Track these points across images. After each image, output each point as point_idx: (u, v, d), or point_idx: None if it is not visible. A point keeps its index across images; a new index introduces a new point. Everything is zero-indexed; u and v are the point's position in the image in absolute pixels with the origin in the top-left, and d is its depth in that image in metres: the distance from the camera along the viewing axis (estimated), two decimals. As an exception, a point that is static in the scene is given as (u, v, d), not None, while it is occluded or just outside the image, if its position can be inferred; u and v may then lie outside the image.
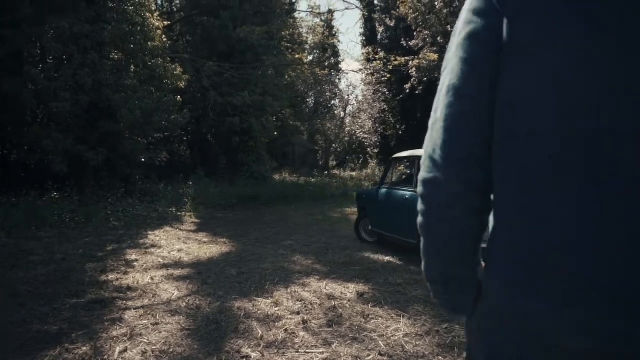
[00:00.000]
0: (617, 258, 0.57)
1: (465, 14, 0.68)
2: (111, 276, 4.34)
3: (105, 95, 7.95)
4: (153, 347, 2.68)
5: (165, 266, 4.82)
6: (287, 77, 17.13)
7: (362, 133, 25.29)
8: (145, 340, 2.79)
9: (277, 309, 3.38)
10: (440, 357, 2.55)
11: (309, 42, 27.10)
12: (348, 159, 29.24)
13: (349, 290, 3.83)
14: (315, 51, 28.28)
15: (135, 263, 4.91)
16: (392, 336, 2.85)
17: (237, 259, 5.19)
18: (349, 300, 3.55)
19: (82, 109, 7.93)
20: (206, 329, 2.98)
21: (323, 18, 30.19)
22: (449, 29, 17.89)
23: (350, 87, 42.83)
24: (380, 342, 2.74)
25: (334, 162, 29.59)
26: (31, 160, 9.21)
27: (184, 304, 3.53)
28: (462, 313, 0.77)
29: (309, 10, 29.04)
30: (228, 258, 5.25)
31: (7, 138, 9.68)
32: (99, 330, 2.94)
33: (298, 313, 3.27)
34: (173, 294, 3.81)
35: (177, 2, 15.82)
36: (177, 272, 4.58)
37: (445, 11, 17.56)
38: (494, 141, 0.65)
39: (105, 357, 2.55)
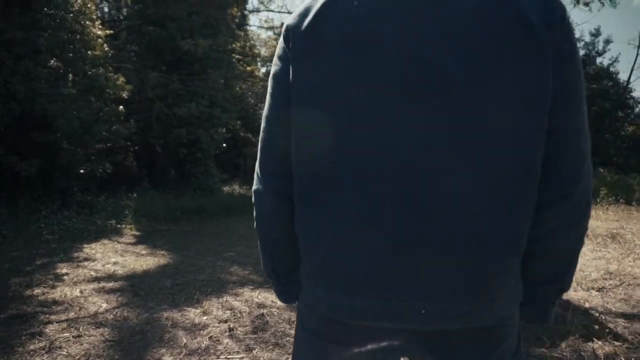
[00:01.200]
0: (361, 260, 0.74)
1: (274, 58, 0.84)
2: (37, 290, 4.21)
3: (40, 105, 7.67)
4: (71, 359, 2.67)
5: (97, 279, 4.72)
6: (237, 89, 17.12)
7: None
8: (64, 353, 2.77)
9: (205, 317, 3.43)
10: None
11: (261, 54, 27.17)
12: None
13: (280, 298, 3.94)
14: (268, 63, 28.43)
15: (65, 277, 4.78)
16: None
17: (174, 270, 5.17)
18: (277, 308, 3.65)
19: (14, 117, 7.60)
20: (130, 340, 2.99)
21: (276, 31, 30.52)
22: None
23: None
24: (300, 346, 2.86)
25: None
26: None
27: (111, 316, 3.50)
28: (290, 301, 0.92)
29: (260, 25, 29.21)
30: (165, 270, 5.21)
31: None
32: (16, 344, 2.87)
33: (226, 321, 3.34)
34: (101, 306, 3.76)
35: (125, 11, 15.49)
36: (109, 285, 4.50)
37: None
38: (292, 160, 0.81)
39: (19, 370, 2.51)
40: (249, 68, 18.90)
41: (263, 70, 28.23)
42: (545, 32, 0.69)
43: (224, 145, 15.48)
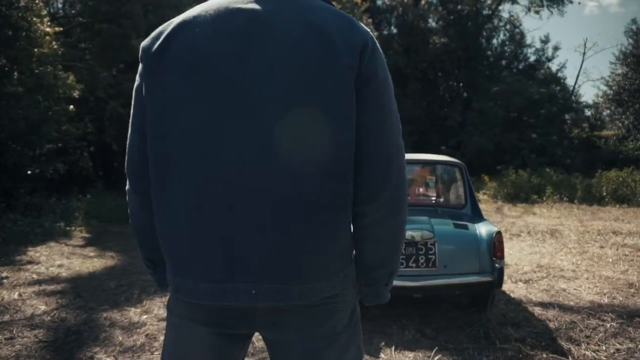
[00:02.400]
0: (195, 248, 0.87)
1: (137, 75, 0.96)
2: (-28, 295, 4.11)
3: (-19, 103, 7.40)
4: (1, 360, 2.67)
5: (38, 282, 4.64)
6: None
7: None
8: (-6, 355, 2.76)
9: (145, 316, 3.47)
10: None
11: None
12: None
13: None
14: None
15: (4, 280, 4.67)
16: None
17: (121, 272, 5.14)
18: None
19: (-47, 117, 7.30)
20: (64, 340, 3.01)
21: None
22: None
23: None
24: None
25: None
26: None
27: (49, 318, 3.49)
28: (164, 287, 1.04)
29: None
30: (111, 272, 5.18)
31: None
32: (-57, 348, 2.84)
33: (164, 319, 3.39)
34: (39, 308, 3.72)
35: (78, 7, 15.02)
36: (51, 287, 4.45)
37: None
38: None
39: (-57, 372, 2.50)
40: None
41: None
42: (349, 57, 0.84)
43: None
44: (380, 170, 0.89)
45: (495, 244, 3.25)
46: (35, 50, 8.45)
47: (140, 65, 0.92)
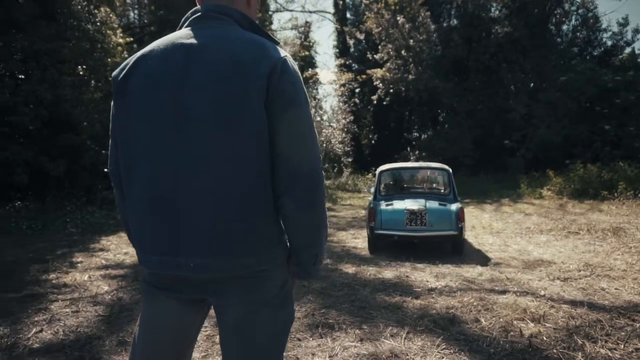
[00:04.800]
0: (150, 229, 1.13)
1: None
2: (52, 275, 4.80)
3: (64, 110, 8.40)
4: (65, 329, 3.18)
5: (106, 267, 5.28)
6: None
7: (335, 142, 25.91)
8: (61, 324, 3.28)
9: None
10: (302, 333, 3.08)
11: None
12: (324, 168, 29.87)
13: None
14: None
15: (78, 264, 5.37)
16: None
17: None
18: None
19: (42, 122, 8.36)
20: (118, 315, 3.48)
21: (300, 30, 31.04)
22: (411, 43, 18.74)
23: (327, 97, 43.57)
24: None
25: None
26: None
27: (109, 296, 4.02)
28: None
29: (281, 27, 29.67)
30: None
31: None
32: (23, 317, 3.42)
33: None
34: (103, 289, 4.29)
35: (147, 17, 16.30)
36: (115, 271, 5.05)
37: (407, 26, 18.37)
38: None
39: (21, 335, 3.04)
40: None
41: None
42: (259, 80, 1.06)
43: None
44: (292, 169, 1.10)
45: (459, 214, 5.85)
46: (109, 60, 9.40)
47: (112, 91, 1.20)
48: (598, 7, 21.11)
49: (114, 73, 1.20)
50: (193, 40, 1.12)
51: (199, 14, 1.19)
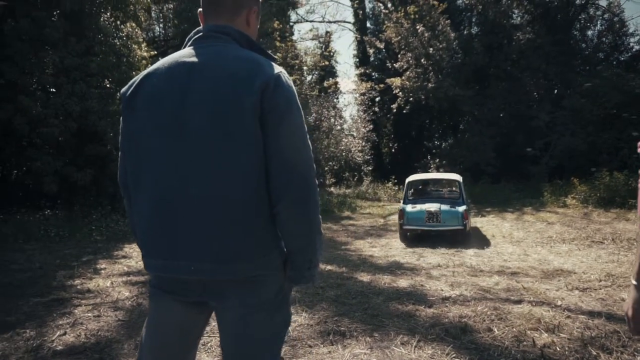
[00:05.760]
0: (154, 235, 1.22)
1: None
2: (77, 281, 4.99)
3: (91, 121, 8.73)
4: (87, 332, 3.31)
5: (127, 273, 5.45)
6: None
7: (355, 151, 25.93)
8: (83, 328, 3.42)
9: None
10: (313, 340, 3.13)
11: (307, 63, 27.78)
12: (345, 177, 29.87)
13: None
14: (314, 72, 29.21)
15: (102, 271, 5.56)
16: (288, 324, 3.44)
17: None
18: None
19: (70, 133, 8.70)
20: (137, 320, 3.60)
21: (320, 41, 31.33)
22: (431, 51, 18.69)
23: (348, 106, 43.59)
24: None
25: (332, 180, 30.21)
26: (28, 180, 10.01)
27: (129, 302, 4.16)
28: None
29: (302, 37, 29.91)
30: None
31: (6, 160, 10.51)
32: (49, 320, 3.58)
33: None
34: (124, 294, 4.43)
35: (171, 31, 16.78)
36: (137, 278, 5.21)
37: (426, 34, 18.35)
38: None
39: (46, 338, 3.18)
40: (291, 77, 19.65)
41: (309, 78, 29.12)
42: (252, 96, 1.13)
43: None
44: (285, 179, 1.17)
45: (464, 214, 7.67)
46: (134, 73, 9.71)
47: (121, 106, 1.30)
48: (625, 11, 20.54)
49: (123, 90, 1.30)
50: (194, 59, 1.21)
51: (201, 34, 1.29)
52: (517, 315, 3.50)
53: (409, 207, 8.15)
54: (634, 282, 1.01)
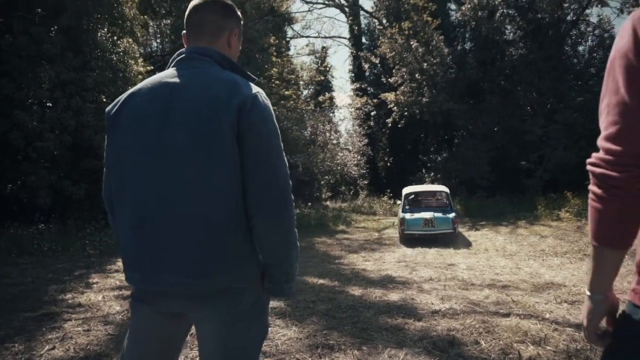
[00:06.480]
0: (136, 250, 1.26)
1: None
2: (68, 295, 4.98)
3: (86, 136, 8.79)
4: (76, 347, 3.31)
5: (119, 288, 5.45)
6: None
7: (351, 165, 26.04)
8: (73, 342, 3.42)
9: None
10: (301, 353, 3.15)
11: (303, 78, 28.01)
12: (341, 190, 29.92)
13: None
14: (309, 86, 29.46)
15: (94, 285, 5.55)
16: (277, 339, 3.45)
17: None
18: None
19: (66, 148, 8.75)
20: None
21: (317, 55, 31.67)
22: (425, 67, 18.93)
23: (343, 120, 43.89)
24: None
25: (328, 194, 30.23)
26: (23, 194, 10.02)
27: (120, 316, 4.16)
28: None
29: (297, 53, 30.26)
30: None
31: (2, 174, 10.52)
32: (38, 334, 3.58)
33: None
34: (115, 309, 4.43)
35: (168, 46, 16.96)
36: (128, 292, 5.20)
37: (421, 50, 18.61)
38: None
39: (34, 352, 3.18)
40: (287, 92, 19.83)
41: (305, 93, 29.33)
42: (230, 115, 1.19)
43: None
44: (260, 195, 1.22)
45: (454, 220, 9.74)
46: (129, 87, 9.81)
47: (106, 124, 1.36)
48: (615, 27, 20.91)
49: (108, 108, 1.36)
50: (176, 80, 1.27)
51: (184, 55, 1.35)
52: (505, 328, 3.53)
53: (408, 215, 10.05)
54: (587, 292, 1.06)
